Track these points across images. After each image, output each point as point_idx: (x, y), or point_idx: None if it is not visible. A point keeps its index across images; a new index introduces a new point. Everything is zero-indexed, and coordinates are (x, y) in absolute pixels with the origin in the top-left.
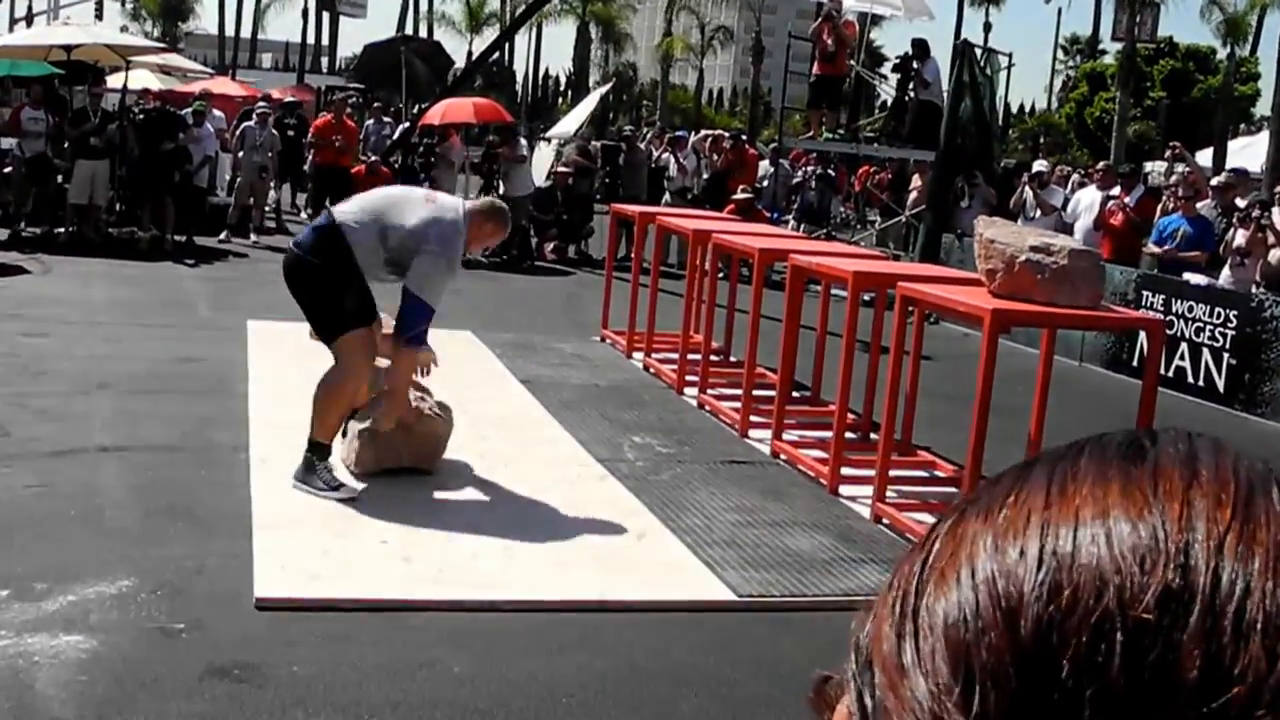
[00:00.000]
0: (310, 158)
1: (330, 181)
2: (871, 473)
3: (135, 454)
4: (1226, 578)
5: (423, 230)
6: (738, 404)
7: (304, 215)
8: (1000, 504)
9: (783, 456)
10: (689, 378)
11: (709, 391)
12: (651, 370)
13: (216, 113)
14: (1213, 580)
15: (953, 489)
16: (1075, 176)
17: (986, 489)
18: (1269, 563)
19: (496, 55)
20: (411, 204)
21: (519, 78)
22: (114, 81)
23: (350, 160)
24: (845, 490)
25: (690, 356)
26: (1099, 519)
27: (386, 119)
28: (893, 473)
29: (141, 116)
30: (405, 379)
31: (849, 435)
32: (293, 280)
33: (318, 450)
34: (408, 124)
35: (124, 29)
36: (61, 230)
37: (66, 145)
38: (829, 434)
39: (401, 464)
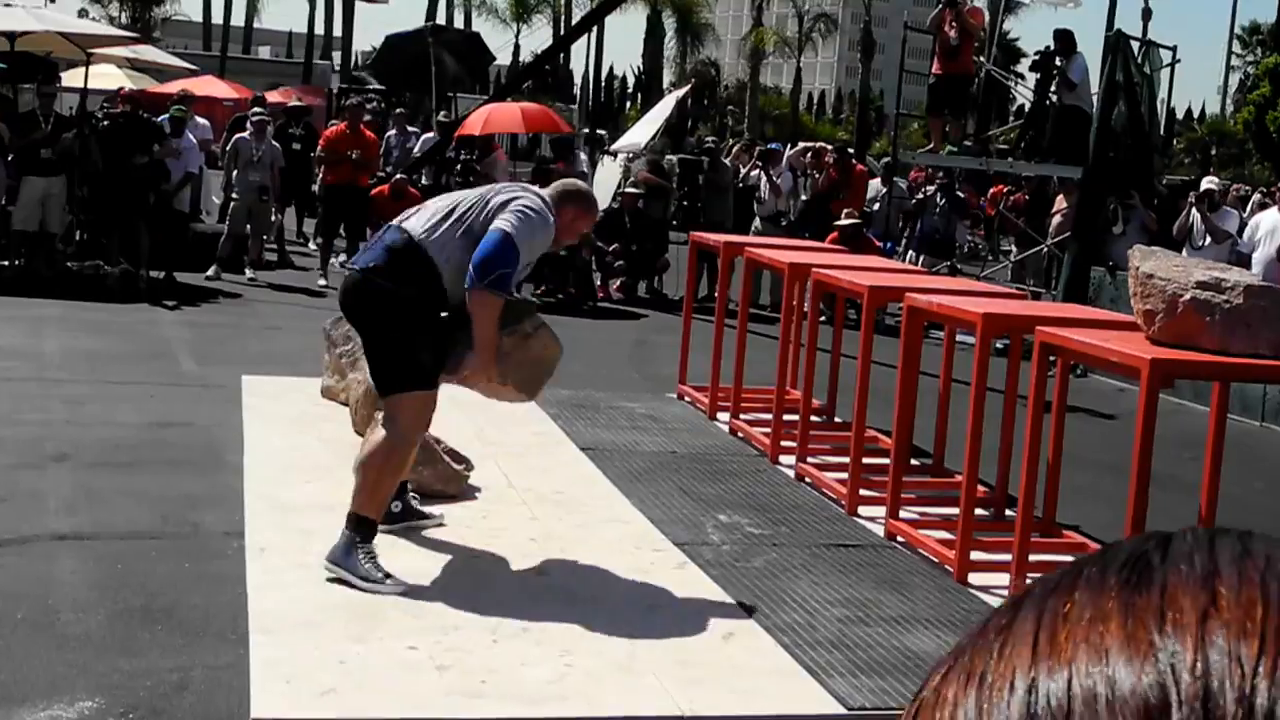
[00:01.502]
0: (320, 176)
1: (344, 205)
2: (1008, 558)
3: (101, 543)
4: None
5: (511, 201)
6: (845, 475)
7: (312, 246)
8: (984, 661)
9: (900, 538)
10: (785, 443)
11: (809, 460)
12: (740, 434)
13: (201, 120)
14: None
15: None
16: (1255, 196)
17: (971, 641)
18: None
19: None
20: (487, 198)
21: (577, 78)
22: (71, 79)
23: (369, 179)
24: (976, 579)
25: (787, 417)
26: (1095, 666)
27: (413, 129)
28: (1033, 558)
29: (107, 123)
30: (488, 330)
31: (979, 512)
32: (359, 308)
33: (363, 529)
34: (436, 134)
35: (84, 13)
36: (5, 264)
37: (10, 158)
38: (956, 511)
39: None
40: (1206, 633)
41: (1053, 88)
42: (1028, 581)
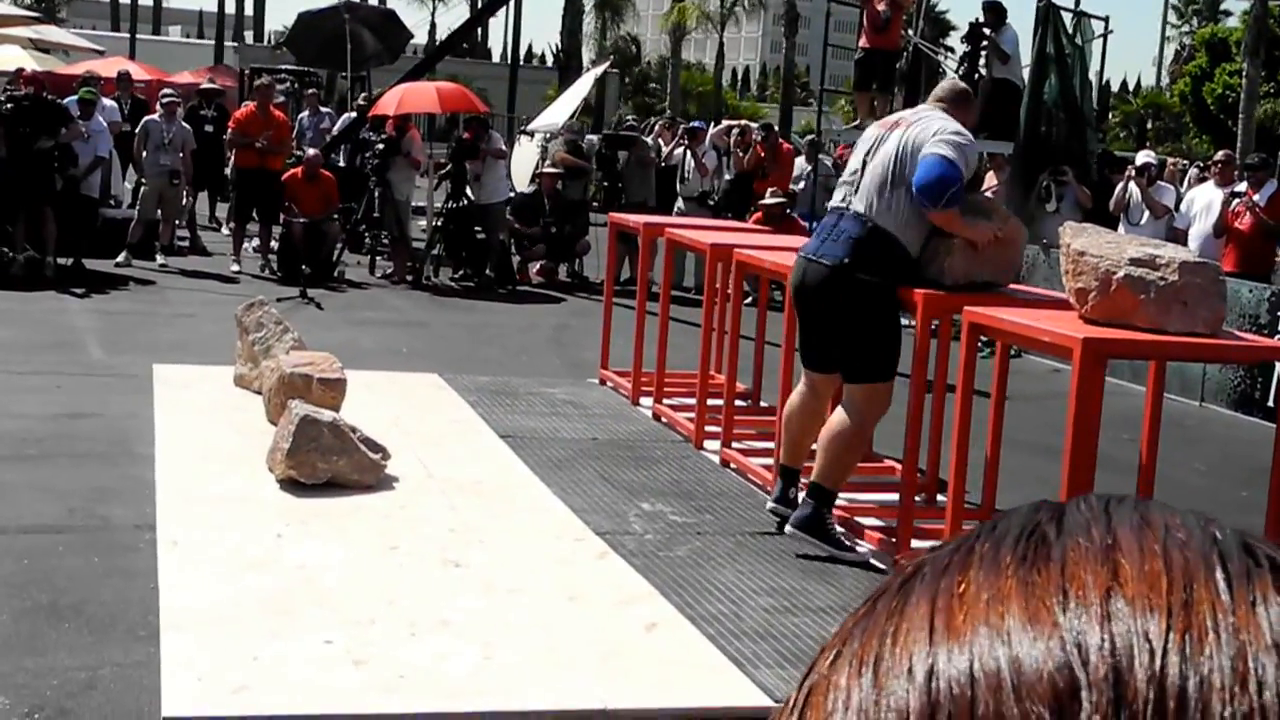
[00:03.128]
0: (231, 159)
1: (255, 189)
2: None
3: (6, 537)
4: (1174, 706)
5: (926, 142)
6: (770, 461)
7: (225, 231)
8: (877, 646)
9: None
10: (709, 429)
11: (734, 446)
12: (663, 420)
13: (109, 102)
14: (1155, 713)
15: None
16: (1191, 171)
17: (859, 624)
18: (1224, 675)
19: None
20: (904, 144)
21: (494, 56)
22: None
23: (281, 162)
24: None
25: (711, 402)
26: (997, 649)
27: (326, 109)
28: None
29: (10, 106)
30: (965, 230)
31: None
32: (838, 303)
33: (825, 499)
34: (353, 114)
35: None
36: None
37: None
38: (890, 497)
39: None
40: (1111, 610)
41: (982, 61)
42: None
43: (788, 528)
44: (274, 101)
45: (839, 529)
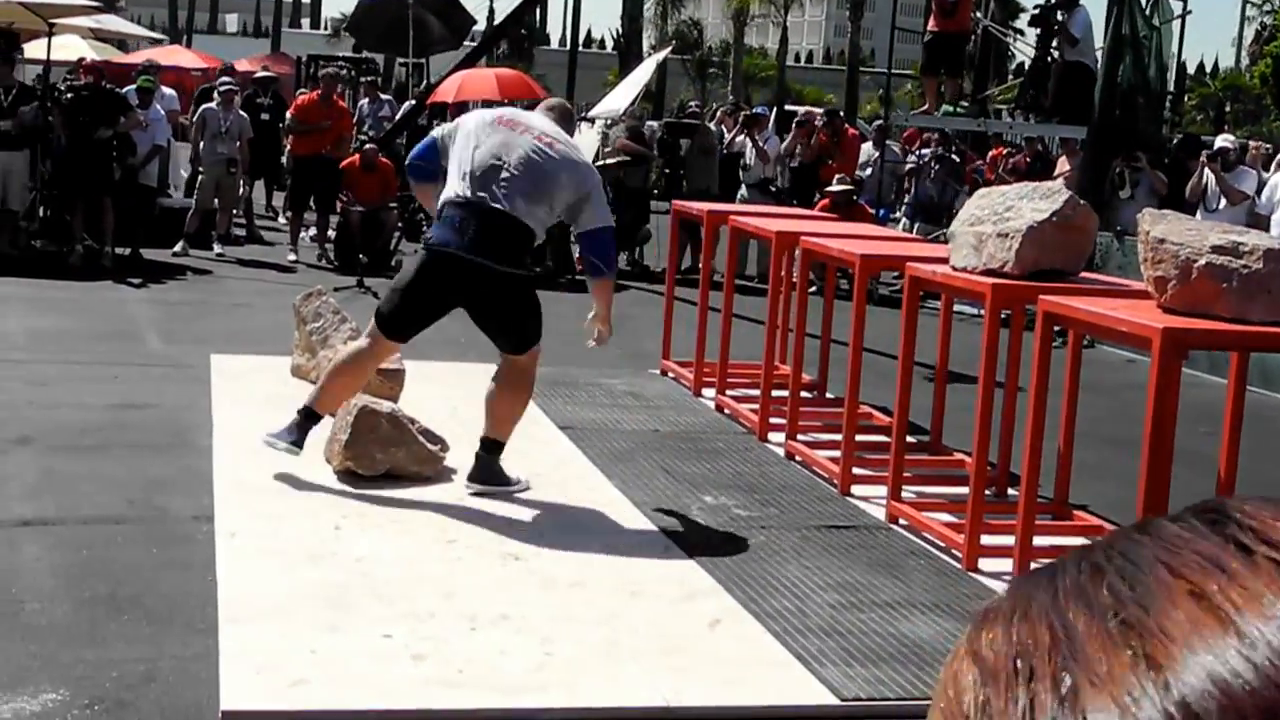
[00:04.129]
0: (288, 147)
1: (314, 177)
2: (1012, 540)
3: (65, 528)
4: None
5: (578, 180)
6: (837, 453)
7: (282, 220)
8: (1149, 643)
9: (901, 520)
10: (774, 420)
11: (800, 438)
12: (726, 411)
13: (168, 90)
14: None
15: None
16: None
17: (1099, 628)
18: None
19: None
20: (557, 171)
21: (553, 42)
22: (34, 51)
23: (342, 150)
24: (983, 564)
25: (775, 393)
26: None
27: (385, 97)
28: (1041, 540)
29: (70, 96)
30: (609, 303)
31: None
32: (485, 292)
33: (495, 450)
34: (412, 102)
35: None
36: None
37: None
38: (955, 490)
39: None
40: None
41: (1054, 43)
42: (1035, 566)
43: (472, 487)
44: (336, 89)
45: (504, 469)
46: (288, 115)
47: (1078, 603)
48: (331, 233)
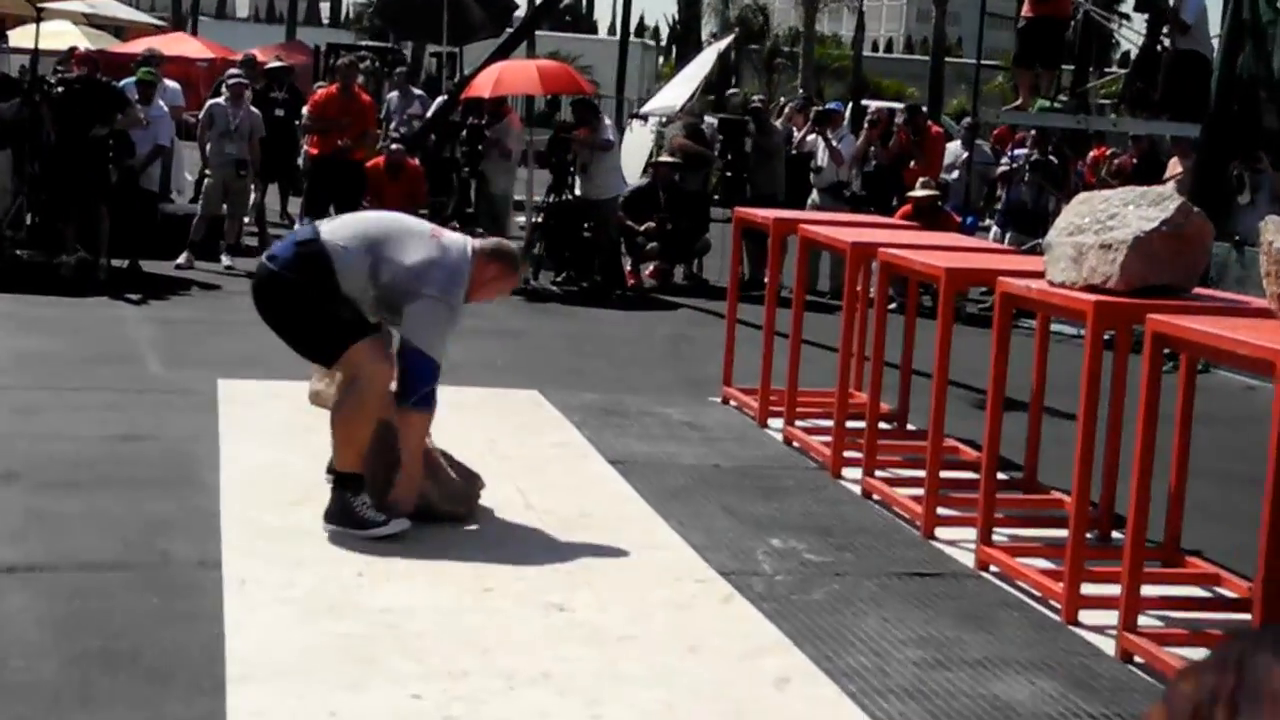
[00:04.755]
0: (305, 147)
1: (334, 180)
2: (1117, 590)
3: (56, 574)
4: None
5: (423, 270)
6: (920, 491)
7: (299, 228)
8: None
9: (992, 567)
10: (849, 454)
11: (878, 474)
12: (795, 444)
13: (171, 84)
14: None
15: (1245, 615)
16: None
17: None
18: None
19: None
20: (413, 237)
21: (602, 30)
22: (20, 39)
23: (366, 150)
24: (1084, 616)
25: (850, 424)
26: None
27: (418, 91)
28: (1150, 590)
29: (61, 89)
30: (417, 453)
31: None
32: (268, 301)
33: (349, 483)
34: (445, 97)
35: None
36: None
37: None
38: (1053, 533)
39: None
40: None
41: (1164, 31)
42: (1144, 620)
43: (324, 527)
44: (357, 81)
45: (370, 509)
46: (304, 113)
47: (1270, 654)
48: None
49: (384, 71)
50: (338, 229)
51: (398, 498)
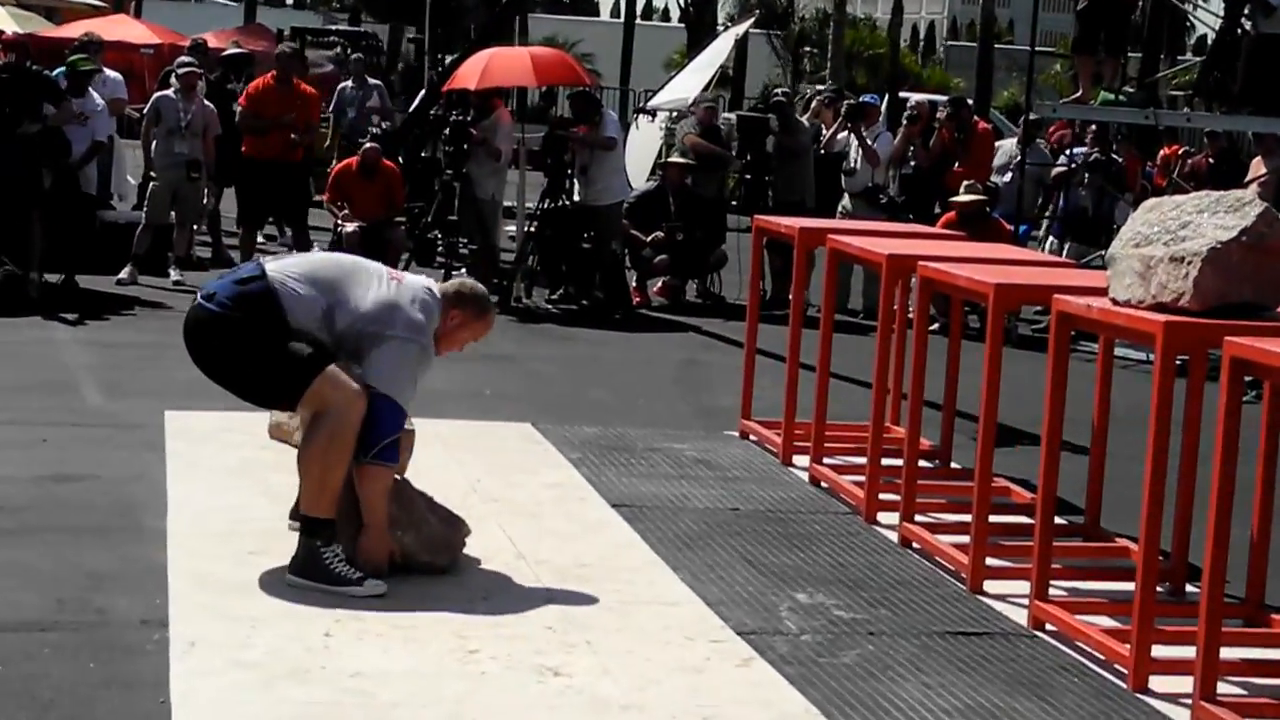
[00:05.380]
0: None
1: (270, 187)
2: (1192, 653)
3: None
4: None
5: (384, 313)
6: (966, 539)
7: (261, 238)
8: None
9: (1049, 625)
10: (885, 497)
11: (918, 519)
12: (824, 485)
13: (112, 74)
14: None
15: None
16: None
17: None
18: None
19: None
20: (369, 279)
21: (603, 11)
22: None
23: (316, 149)
24: (1155, 682)
25: (887, 462)
26: None
27: (374, 81)
28: (1230, 653)
29: None
30: (380, 509)
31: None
32: (206, 345)
33: (319, 531)
34: (426, 89)
35: None
36: None
37: None
38: (1122, 587)
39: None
40: None
41: (1246, 12)
42: (1223, 688)
43: (289, 579)
44: (301, 74)
45: (343, 562)
46: (237, 107)
47: None
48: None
49: (366, 63)
50: (286, 267)
51: (366, 557)
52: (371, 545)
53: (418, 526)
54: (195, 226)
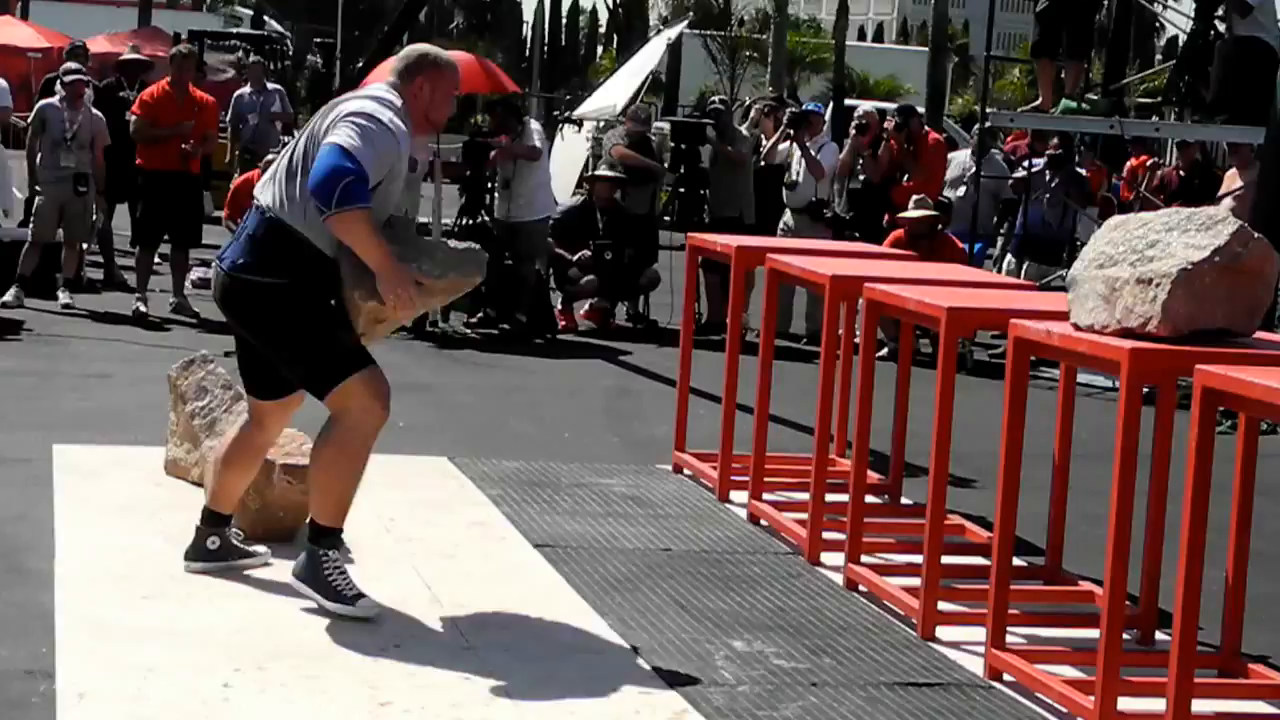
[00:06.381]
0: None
1: (168, 202)
2: (1162, 706)
3: None
4: None
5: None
6: (917, 581)
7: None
8: None
9: (1006, 675)
10: (829, 535)
11: (865, 560)
12: (764, 523)
13: None
14: None
15: None
16: None
17: None
18: None
19: None
20: (318, 127)
21: (527, 13)
22: None
23: (218, 163)
24: None
25: (831, 499)
26: None
27: (274, 86)
28: (1203, 705)
29: None
30: (375, 248)
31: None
32: (245, 313)
33: (326, 539)
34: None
35: None
36: None
37: None
38: (1085, 633)
39: None
40: None
41: (1218, 13)
42: None
43: (297, 585)
44: (197, 79)
45: (345, 576)
46: (130, 116)
47: None
48: (207, 273)
49: (266, 66)
50: (261, 190)
51: (392, 299)
52: (389, 284)
53: (430, 252)
54: (85, 245)
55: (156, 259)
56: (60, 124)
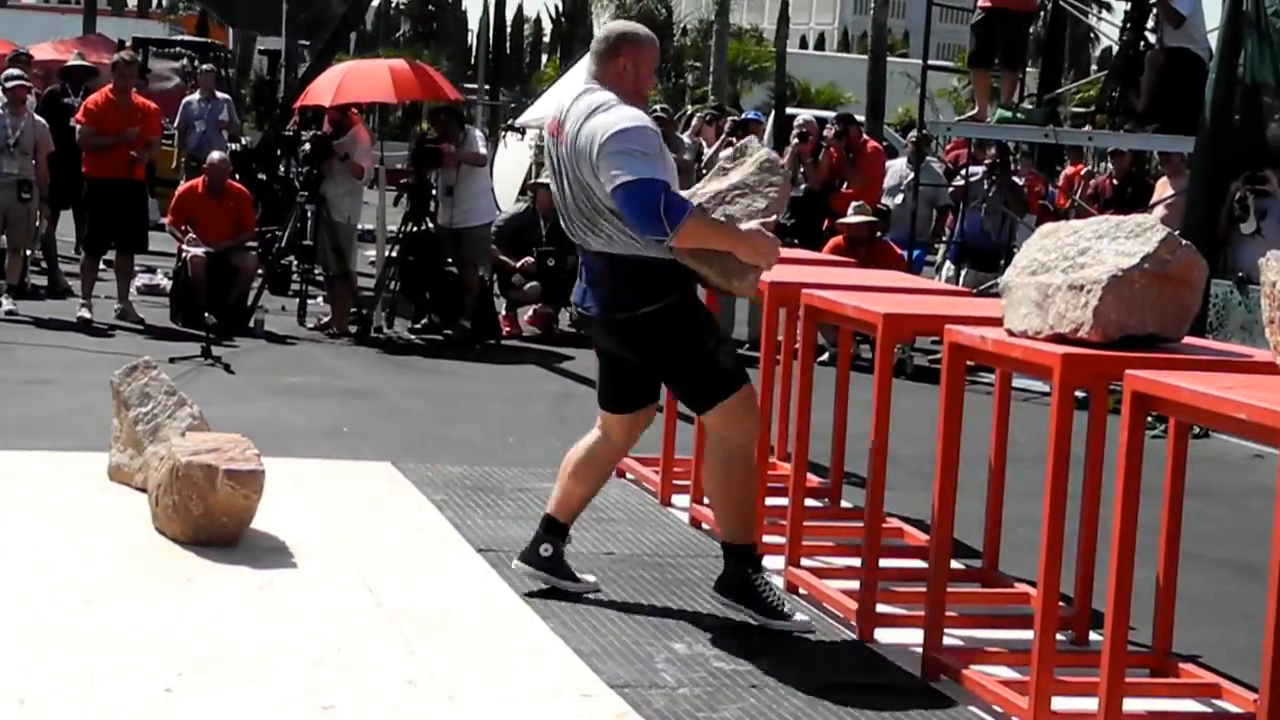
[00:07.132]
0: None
1: (114, 210)
2: (1095, 705)
3: None
4: None
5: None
6: (855, 584)
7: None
8: None
9: (944, 676)
10: (770, 539)
11: (805, 563)
12: (705, 526)
13: None
14: None
15: None
16: None
17: None
18: None
19: None
20: (576, 158)
21: (472, 21)
22: None
23: (163, 169)
24: None
25: (772, 501)
26: None
27: (223, 96)
28: (1135, 705)
29: None
30: (722, 234)
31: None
32: (647, 345)
33: (746, 558)
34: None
35: None
36: None
37: None
38: (1020, 635)
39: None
40: None
41: (1150, 25)
42: None
43: (718, 596)
44: (136, 84)
45: (776, 592)
46: (75, 123)
47: None
48: (158, 280)
49: (211, 71)
50: (581, 236)
51: (760, 261)
52: (750, 250)
53: (751, 194)
54: (29, 252)
55: (101, 265)
56: (3, 130)
